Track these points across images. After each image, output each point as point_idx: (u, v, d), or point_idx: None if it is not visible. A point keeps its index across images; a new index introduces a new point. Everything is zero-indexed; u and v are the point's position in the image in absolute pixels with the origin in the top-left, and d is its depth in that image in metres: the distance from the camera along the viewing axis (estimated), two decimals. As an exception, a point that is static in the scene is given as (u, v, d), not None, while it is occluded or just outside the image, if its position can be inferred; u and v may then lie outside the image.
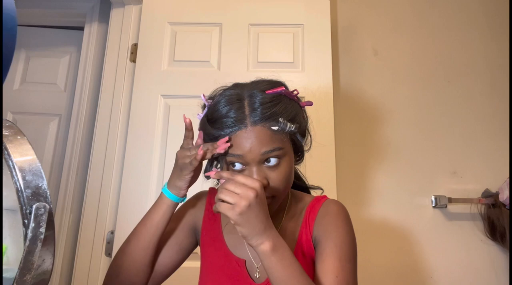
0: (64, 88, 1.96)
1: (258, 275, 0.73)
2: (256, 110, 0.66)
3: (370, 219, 1.52)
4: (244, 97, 0.68)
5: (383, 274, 1.47)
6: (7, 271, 0.44)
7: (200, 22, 1.60)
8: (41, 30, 2.04)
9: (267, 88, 0.70)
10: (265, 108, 0.66)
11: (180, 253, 0.80)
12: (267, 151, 0.66)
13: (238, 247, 0.77)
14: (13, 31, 0.46)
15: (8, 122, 0.47)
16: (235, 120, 0.66)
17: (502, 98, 1.65)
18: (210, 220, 0.82)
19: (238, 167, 0.68)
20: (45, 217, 0.42)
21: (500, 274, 1.46)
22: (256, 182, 0.60)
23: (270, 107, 0.67)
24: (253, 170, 0.67)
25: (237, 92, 0.69)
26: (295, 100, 0.72)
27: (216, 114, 0.68)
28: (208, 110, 0.71)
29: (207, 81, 0.79)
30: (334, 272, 0.65)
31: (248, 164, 0.67)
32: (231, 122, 0.66)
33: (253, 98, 0.67)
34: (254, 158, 0.66)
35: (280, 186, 0.69)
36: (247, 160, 0.67)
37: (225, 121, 0.67)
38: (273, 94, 0.68)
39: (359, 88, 1.67)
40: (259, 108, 0.66)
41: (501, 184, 1.48)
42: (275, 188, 0.68)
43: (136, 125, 1.50)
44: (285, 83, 0.76)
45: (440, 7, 1.76)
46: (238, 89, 0.70)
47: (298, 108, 0.72)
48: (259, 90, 0.69)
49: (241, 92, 0.69)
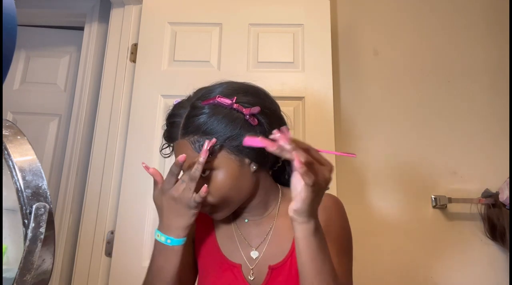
0: (64, 88, 1.96)
1: (252, 277, 0.74)
2: (186, 123, 0.69)
3: (370, 219, 1.52)
4: (187, 108, 0.70)
5: (383, 274, 1.47)
6: (7, 271, 0.44)
7: (200, 22, 1.60)
8: (41, 30, 2.04)
9: (209, 97, 0.70)
10: (191, 121, 0.68)
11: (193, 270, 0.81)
12: None
13: (233, 252, 0.77)
14: (13, 31, 0.46)
15: (8, 122, 0.47)
16: (172, 132, 0.70)
17: (502, 98, 1.64)
18: (203, 227, 0.82)
19: None
20: (45, 217, 0.42)
21: (500, 274, 1.46)
22: (330, 164, 0.57)
23: (196, 120, 0.68)
24: None
25: (186, 103, 0.71)
26: (234, 108, 0.68)
27: (166, 121, 0.74)
28: None
29: (207, 81, 0.79)
30: None
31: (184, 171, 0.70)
32: (169, 133, 0.71)
33: (191, 109, 0.69)
34: (187, 169, 0.69)
35: (216, 197, 0.69)
36: (184, 170, 0.69)
37: (167, 130, 0.72)
38: (208, 104, 0.68)
39: (359, 87, 1.66)
40: (186, 121, 0.68)
41: (501, 184, 1.48)
42: (211, 199, 0.69)
43: (136, 125, 1.50)
44: (251, 86, 0.75)
45: (440, 7, 1.76)
46: (190, 98, 0.72)
47: (235, 117, 0.68)
48: (201, 100, 0.70)
49: (189, 101, 0.71)
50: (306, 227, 0.58)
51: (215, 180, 0.68)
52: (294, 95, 1.49)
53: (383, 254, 1.49)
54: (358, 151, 1.59)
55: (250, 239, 0.78)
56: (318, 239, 0.59)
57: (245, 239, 0.78)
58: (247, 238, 0.78)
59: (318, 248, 0.59)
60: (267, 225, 0.77)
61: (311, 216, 0.58)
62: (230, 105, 0.68)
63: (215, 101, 0.68)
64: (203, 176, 0.68)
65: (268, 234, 0.76)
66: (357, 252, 0.73)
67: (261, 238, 0.77)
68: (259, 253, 0.76)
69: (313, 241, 0.59)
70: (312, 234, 0.59)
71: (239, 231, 0.79)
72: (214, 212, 0.71)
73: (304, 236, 0.59)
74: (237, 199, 0.72)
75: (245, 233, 0.78)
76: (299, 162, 0.51)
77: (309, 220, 0.58)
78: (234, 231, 0.79)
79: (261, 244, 0.76)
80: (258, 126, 0.70)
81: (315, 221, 0.59)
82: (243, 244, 0.77)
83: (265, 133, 0.69)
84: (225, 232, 0.80)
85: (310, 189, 0.54)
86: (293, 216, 0.58)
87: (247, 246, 0.77)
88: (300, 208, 0.56)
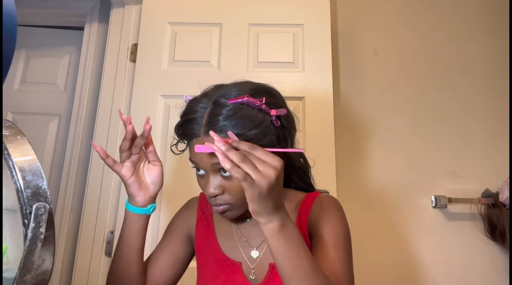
0: (64, 88, 1.96)
1: (253, 276, 0.74)
2: (210, 121, 0.67)
3: (370, 219, 1.52)
4: (209, 105, 0.68)
5: (383, 274, 1.47)
6: (7, 271, 0.44)
7: (200, 22, 1.60)
8: (41, 30, 2.04)
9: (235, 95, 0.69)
10: (216, 120, 0.66)
11: (177, 264, 0.82)
12: (216, 163, 0.66)
13: (233, 250, 0.77)
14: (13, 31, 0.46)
15: (8, 122, 0.47)
16: (192, 128, 0.68)
17: (502, 98, 1.64)
18: (203, 226, 0.82)
19: (201, 172, 0.70)
20: (45, 217, 0.42)
21: (500, 274, 1.46)
22: (277, 160, 0.57)
23: (223, 119, 0.66)
24: (209, 178, 0.68)
25: (204, 99, 0.70)
26: (262, 109, 0.68)
27: (182, 118, 0.72)
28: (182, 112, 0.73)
29: (207, 81, 0.79)
30: (329, 259, 0.66)
31: (205, 170, 0.69)
32: (189, 129, 0.69)
33: (214, 107, 0.68)
34: (206, 168, 0.68)
35: (235, 196, 0.69)
36: (202, 168, 0.69)
37: (185, 127, 0.70)
38: (234, 103, 0.67)
39: (359, 88, 1.67)
40: (212, 119, 0.66)
41: (501, 184, 1.48)
42: (229, 198, 0.69)
43: (136, 125, 1.49)
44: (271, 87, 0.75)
45: (440, 7, 1.76)
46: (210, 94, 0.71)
47: (262, 118, 0.67)
48: (225, 98, 0.68)
49: (209, 98, 0.69)
50: (270, 226, 0.58)
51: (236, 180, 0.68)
52: (294, 95, 1.48)
53: (383, 254, 1.49)
54: (358, 151, 1.59)
55: (250, 239, 0.78)
56: (286, 236, 0.58)
57: (245, 239, 0.78)
58: (247, 238, 0.78)
59: (288, 245, 0.58)
60: None
61: (270, 215, 0.58)
62: (259, 106, 0.67)
63: (244, 100, 0.66)
64: (225, 175, 0.67)
65: None
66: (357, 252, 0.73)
67: (262, 238, 0.77)
68: (260, 253, 0.76)
69: (281, 239, 0.58)
70: (278, 232, 0.58)
71: (239, 231, 0.79)
72: (228, 210, 0.71)
73: (270, 236, 0.58)
74: None
75: (245, 233, 0.79)
76: (223, 160, 0.55)
77: (271, 220, 0.58)
78: (234, 230, 0.80)
79: (262, 243, 0.77)
80: (280, 128, 0.70)
81: (280, 219, 0.58)
82: (243, 243, 0.78)
83: (285, 135, 0.71)
84: (225, 231, 0.80)
85: (246, 185, 0.55)
86: (255, 218, 0.59)
87: (247, 245, 0.77)
88: (253, 209, 0.57)
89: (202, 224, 0.82)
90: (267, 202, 0.56)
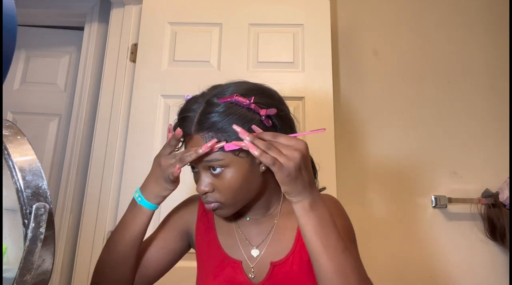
0: (64, 88, 1.96)
1: (252, 275, 0.74)
2: (201, 119, 0.69)
3: (370, 219, 1.52)
4: (202, 104, 0.70)
5: (383, 274, 1.47)
6: (7, 271, 0.44)
7: (200, 22, 1.60)
8: (41, 30, 2.04)
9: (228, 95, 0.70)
10: (206, 118, 0.68)
11: (168, 256, 0.81)
12: (207, 160, 0.67)
13: (234, 249, 0.77)
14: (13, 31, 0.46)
15: (8, 122, 0.47)
16: (185, 126, 0.70)
17: (502, 98, 1.64)
18: (204, 223, 0.82)
19: (196, 170, 0.72)
20: (45, 217, 0.42)
21: (500, 274, 1.46)
22: (300, 143, 0.60)
23: (212, 117, 0.67)
24: (201, 175, 0.70)
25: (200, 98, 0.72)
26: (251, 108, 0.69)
27: (178, 116, 0.74)
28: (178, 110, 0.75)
29: (207, 81, 0.79)
30: None
31: (197, 168, 0.71)
32: (182, 127, 0.71)
33: (206, 106, 0.69)
34: (198, 165, 0.70)
35: (225, 194, 0.69)
36: (194, 165, 0.71)
37: (180, 124, 0.72)
38: (224, 102, 0.68)
39: (359, 88, 1.66)
40: (203, 118, 0.68)
41: (501, 184, 1.48)
42: (219, 196, 0.69)
43: (136, 125, 1.50)
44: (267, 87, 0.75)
45: (440, 7, 1.76)
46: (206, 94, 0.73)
47: (251, 117, 0.68)
48: (217, 97, 0.70)
49: (204, 97, 0.71)
50: (301, 205, 0.61)
51: (225, 178, 0.68)
52: (294, 95, 1.49)
53: (383, 254, 1.49)
54: (358, 151, 1.59)
55: (250, 238, 0.78)
56: (317, 214, 0.61)
57: (245, 238, 0.78)
58: (248, 237, 0.78)
59: (319, 223, 0.61)
60: (269, 224, 0.78)
61: (301, 194, 0.61)
62: (248, 105, 0.68)
63: (233, 99, 0.68)
64: (214, 173, 0.68)
65: (269, 233, 0.77)
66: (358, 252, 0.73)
67: (262, 237, 0.77)
68: (260, 252, 0.76)
69: (312, 216, 0.61)
70: (309, 210, 0.61)
71: (239, 230, 0.79)
72: (219, 209, 0.71)
73: (302, 214, 0.62)
74: (245, 198, 0.73)
75: (246, 232, 0.79)
76: (252, 147, 0.59)
77: (303, 198, 0.61)
78: (235, 229, 0.80)
79: (262, 242, 0.77)
80: (272, 127, 0.70)
81: (311, 198, 0.62)
82: (243, 242, 0.78)
83: None
84: (226, 230, 0.80)
85: (275, 169, 0.58)
86: (288, 198, 0.62)
87: (248, 244, 0.77)
88: (285, 190, 0.61)
89: (203, 221, 0.82)
90: (296, 182, 0.60)
